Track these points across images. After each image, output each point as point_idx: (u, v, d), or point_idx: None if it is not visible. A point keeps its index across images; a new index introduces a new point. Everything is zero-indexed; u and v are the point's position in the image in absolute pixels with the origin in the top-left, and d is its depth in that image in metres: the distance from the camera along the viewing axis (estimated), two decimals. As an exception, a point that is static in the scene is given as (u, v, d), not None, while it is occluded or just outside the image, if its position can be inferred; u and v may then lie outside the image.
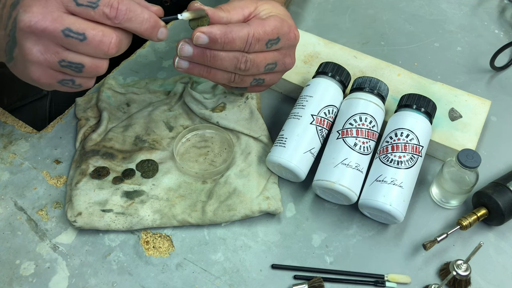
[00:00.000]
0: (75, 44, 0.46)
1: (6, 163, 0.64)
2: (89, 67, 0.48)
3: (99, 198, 0.59)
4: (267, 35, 0.53)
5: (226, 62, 0.53)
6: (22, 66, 0.48)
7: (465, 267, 0.54)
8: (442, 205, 0.62)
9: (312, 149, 0.60)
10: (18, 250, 0.57)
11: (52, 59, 0.47)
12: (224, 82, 0.57)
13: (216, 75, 0.55)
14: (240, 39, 0.52)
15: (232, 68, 0.54)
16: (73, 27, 0.45)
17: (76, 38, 0.46)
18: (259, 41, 0.53)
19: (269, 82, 0.59)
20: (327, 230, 0.60)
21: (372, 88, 0.62)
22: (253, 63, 0.54)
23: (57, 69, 0.48)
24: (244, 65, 0.54)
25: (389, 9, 0.86)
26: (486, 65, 0.77)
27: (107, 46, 0.47)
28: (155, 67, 0.75)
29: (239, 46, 0.52)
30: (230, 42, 0.52)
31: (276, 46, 0.55)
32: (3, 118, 0.69)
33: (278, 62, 0.57)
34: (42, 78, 0.48)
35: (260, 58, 0.55)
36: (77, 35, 0.45)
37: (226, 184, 0.60)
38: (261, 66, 0.55)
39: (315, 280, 0.54)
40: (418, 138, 0.58)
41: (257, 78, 0.57)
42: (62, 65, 0.47)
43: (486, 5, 0.88)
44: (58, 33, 0.45)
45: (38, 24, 0.45)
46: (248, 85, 0.58)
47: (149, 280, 0.55)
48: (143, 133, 0.65)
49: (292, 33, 0.56)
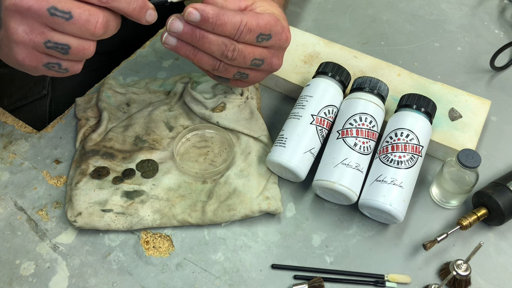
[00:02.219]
0: (61, 24, 0.45)
1: (6, 163, 0.64)
2: (76, 49, 0.47)
3: (99, 198, 0.59)
4: (260, 28, 0.53)
5: (214, 46, 0.52)
6: (7, 48, 0.48)
7: (465, 267, 0.54)
8: (442, 205, 0.62)
9: (312, 149, 0.60)
10: (18, 250, 0.57)
11: (37, 39, 0.46)
12: (208, 69, 0.56)
13: (202, 58, 0.54)
14: (232, 24, 0.51)
15: (219, 54, 0.53)
16: (59, 6, 0.44)
17: (62, 17, 0.45)
18: (250, 31, 0.52)
19: (252, 79, 0.59)
20: (327, 230, 0.60)
21: (372, 88, 0.62)
22: (240, 54, 0.53)
23: (42, 50, 0.47)
24: (231, 54, 0.53)
25: (389, 9, 0.86)
26: (486, 65, 0.77)
27: (93, 25, 0.46)
28: (155, 67, 0.75)
29: (230, 32, 0.51)
30: (221, 24, 0.51)
31: (266, 43, 0.54)
32: (3, 118, 0.69)
33: (266, 60, 0.56)
34: (27, 60, 0.47)
35: (249, 50, 0.54)
36: (63, 14, 0.45)
37: (226, 184, 0.61)
38: (248, 59, 0.54)
39: (315, 280, 0.54)
40: (418, 138, 0.58)
41: (241, 72, 0.57)
42: (47, 46, 0.46)
43: (486, 5, 0.88)
44: (43, 11, 0.44)
45: (24, 2, 0.44)
46: (231, 76, 0.57)
47: (149, 280, 0.55)
48: (143, 133, 0.65)
49: (284, 34, 0.56)
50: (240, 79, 0.58)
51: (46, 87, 0.85)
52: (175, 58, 0.77)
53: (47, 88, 0.85)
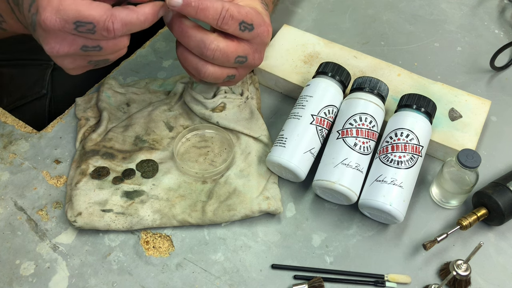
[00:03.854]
0: (88, 33, 0.49)
1: (6, 163, 0.64)
2: (108, 47, 0.50)
3: (99, 198, 0.59)
4: (241, 16, 0.53)
5: (192, 42, 0.53)
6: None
7: (465, 267, 0.54)
8: (442, 205, 0.62)
9: (312, 149, 0.60)
10: (18, 250, 0.57)
11: (72, 49, 0.50)
12: (195, 74, 0.57)
13: (186, 57, 0.55)
14: (214, 9, 0.51)
15: (197, 52, 0.54)
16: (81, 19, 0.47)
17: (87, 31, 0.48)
18: (232, 18, 0.52)
19: (238, 78, 0.59)
20: (327, 230, 0.60)
21: (372, 88, 0.62)
22: (222, 53, 0.54)
23: (81, 54, 0.50)
24: (212, 53, 0.53)
25: (389, 9, 0.86)
26: (486, 65, 0.77)
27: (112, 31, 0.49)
28: (155, 67, 0.75)
29: (212, 16, 0.51)
30: (203, 9, 0.51)
31: (248, 35, 0.54)
32: (3, 118, 0.68)
33: (248, 56, 0.56)
34: (70, 66, 0.52)
35: (231, 48, 0.54)
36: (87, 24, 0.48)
37: (226, 184, 0.61)
38: (231, 57, 0.55)
39: (315, 280, 0.54)
40: (418, 138, 0.58)
41: (230, 75, 0.57)
42: (83, 50, 0.50)
43: (486, 5, 0.88)
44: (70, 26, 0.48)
45: (47, 22, 0.47)
46: (221, 81, 0.58)
47: (149, 280, 0.55)
48: (143, 133, 0.65)
49: (265, 28, 0.56)
50: (228, 81, 0.59)
51: (46, 86, 0.85)
52: (175, 58, 0.77)
53: (46, 88, 0.85)
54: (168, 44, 0.78)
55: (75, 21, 0.47)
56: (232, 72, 0.57)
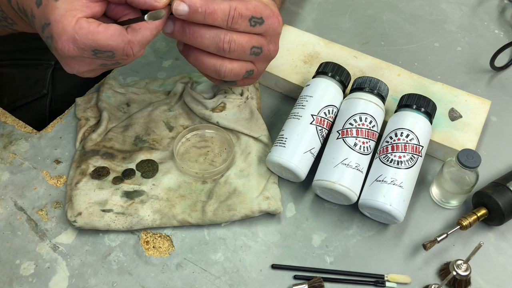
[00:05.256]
0: (107, 58, 0.50)
1: (6, 163, 0.64)
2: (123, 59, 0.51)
3: (99, 198, 0.59)
4: (250, 12, 0.52)
5: (207, 40, 0.52)
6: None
7: (465, 267, 0.54)
8: (442, 205, 0.62)
9: (312, 149, 0.60)
10: (18, 250, 0.57)
11: (89, 68, 0.51)
12: (213, 75, 0.56)
13: (202, 60, 0.54)
14: (221, 11, 0.50)
15: (214, 48, 0.53)
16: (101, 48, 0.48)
17: (106, 56, 0.49)
18: (241, 16, 0.51)
19: (257, 73, 0.58)
20: (327, 230, 0.60)
21: (372, 88, 0.62)
22: (238, 44, 0.53)
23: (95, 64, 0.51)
24: (228, 45, 0.52)
25: (389, 9, 0.86)
26: (486, 65, 0.77)
27: (132, 53, 0.50)
28: (155, 67, 0.75)
29: (221, 18, 0.51)
30: (211, 12, 0.50)
31: (260, 28, 0.54)
32: (3, 118, 0.69)
33: (263, 47, 0.55)
34: (84, 71, 0.52)
35: (245, 39, 0.53)
36: (106, 53, 0.49)
37: (226, 184, 0.61)
38: (247, 48, 0.54)
39: (315, 280, 0.54)
40: (418, 138, 0.58)
41: (249, 70, 0.56)
42: (98, 63, 0.51)
43: (486, 5, 0.88)
44: (89, 53, 0.48)
45: (66, 51, 0.47)
46: (240, 77, 0.57)
47: (149, 280, 0.55)
48: (143, 133, 0.65)
49: (275, 18, 0.55)
50: (248, 77, 0.58)
51: (46, 86, 0.85)
52: (175, 58, 0.77)
53: (47, 88, 0.85)
54: (168, 44, 0.79)
55: (93, 49, 0.47)
56: (250, 67, 0.56)
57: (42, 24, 0.47)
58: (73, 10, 0.46)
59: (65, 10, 0.46)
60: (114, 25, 0.47)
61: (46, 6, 0.46)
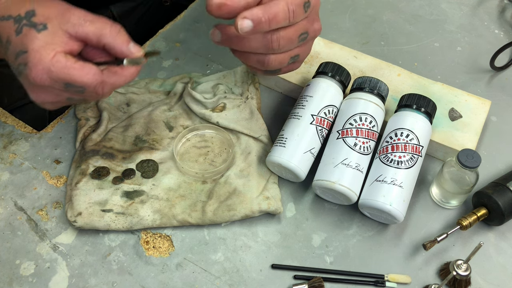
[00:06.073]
0: (76, 92, 0.51)
1: (6, 163, 0.64)
2: (91, 96, 0.52)
3: (99, 198, 0.59)
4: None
5: (255, 43, 0.51)
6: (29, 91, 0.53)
7: (465, 267, 0.54)
8: (442, 205, 0.62)
9: (312, 149, 0.60)
10: (18, 250, 0.57)
11: (57, 99, 0.52)
12: (259, 67, 0.55)
13: (248, 57, 0.54)
14: (282, 11, 0.49)
15: (263, 49, 0.52)
16: (73, 82, 0.49)
17: (76, 90, 0.50)
18: (299, 6, 0.50)
19: (302, 57, 0.57)
20: (327, 230, 0.60)
21: (372, 88, 0.62)
22: (286, 39, 0.52)
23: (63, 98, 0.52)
24: (277, 44, 0.51)
25: (389, 9, 0.86)
26: (486, 65, 0.77)
27: (103, 93, 0.51)
28: (155, 67, 0.75)
29: (284, 18, 0.49)
30: (274, 17, 0.48)
31: (309, 11, 0.52)
32: (3, 118, 0.69)
33: (309, 29, 0.54)
34: (49, 103, 0.53)
35: (292, 30, 0.52)
36: (77, 88, 0.49)
37: (226, 184, 0.61)
38: (294, 39, 0.52)
39: (315, 280, 0.54)
40: (418, 138, 0.58)
41: (293, 56, 0.55)
42: (66, 97, 0.52)
43: (486, 5, 0.88)
44: (59, 86, 0.49)
45: (38, 80, 0.48)
46: (286, 64, 0.55)
47: (149, 280, 0.55)
48: (143, 133, 0.65)
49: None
50: (293, 62, 0.57)
51: None
52: (175, 58, 0.77)
53: None
54: (168, 44, 0.79)
55: (65, 83, 0.48)
56: (296, 52, 0.55)
57: (17, 52, 0.49)
58: (53, 44, 0.48)
59: (45, 42, 0.48)
60: (89, 64, 0.49)
61: (26, 35, 0.48)
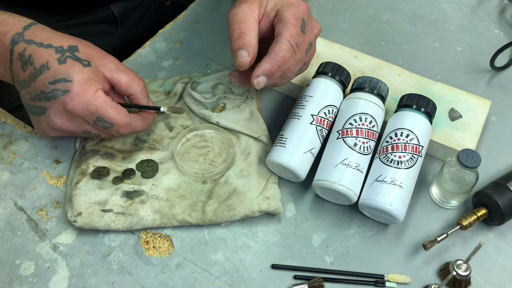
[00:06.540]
0: (104, 126, 0.57)
1: (6, 163, 0.64)
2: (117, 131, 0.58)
3: (99, 198, 0.59)
4: (297, 26, 0.55)
5: (272, 81, 0.57)
6: (45, 124, 0.57)
7: (465, 267, 0.54)
8: (442, 205, 0.62)
9: (312, 149, 0.60)
10: (18, 250, 0.57)
11: (78, 129, 0.57)
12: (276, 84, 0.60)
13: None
14: (287, 50, 0.54)
15: (278, 80, 0.58)
16: (105, 117, 0.55)
17: (105, 126, 0.57)
18: (298, 34, 0.55)
19: (308, 64, 0.62)
20: (327, 230, 0.60)
21: (372, 88, 0.62)
22: (297, 62, 0.57)
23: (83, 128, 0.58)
24: (290, 72, 0.57)
25: (389, 9, 0.86)
26: (486, 65, 0.77)
27: (132, 129, 0.59)
28: (155, 67, 0.75)
29: (291, 55, 0.55)
30: (282, 62, 0.54)
31: (306, 30, 0.57)
32: (3, 118, 0.69)
33: (312, 39, 0.59)
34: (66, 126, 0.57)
35: (299, 55, 0.57)
36: (107, 123, 0.56)
37: (226, 184, 0.61)
38: (303, 58, 0.58)
39: (315, 280, 0.54)
40: (418, 138, 0.58)
41: (301, 65, 0.59)
42: (84, 131, 0.58)
43: (486, 5, 0.88)
44: (89, 119, 0.55)
45: (70, 107, 0.53)
46: (294, 75, 0.60)
47: (149, 280, 0.55)
48: (143, 133, 0.65)
49: (303, 7, 0.57)
50: (300, 70, 0.61)
51: None
52: (175, 58, 0.77)
53: None
54: (167, 45, 0.79)
55: (99, 116, 0.54)
56: (304, 61, 0.59)
57: (57, 78, 0.53)
58: (95, 81, 0.54)
59: (89, 77, 0.54)
60: (121, 106, 0.56)
61: (72, 67, 0.53)
